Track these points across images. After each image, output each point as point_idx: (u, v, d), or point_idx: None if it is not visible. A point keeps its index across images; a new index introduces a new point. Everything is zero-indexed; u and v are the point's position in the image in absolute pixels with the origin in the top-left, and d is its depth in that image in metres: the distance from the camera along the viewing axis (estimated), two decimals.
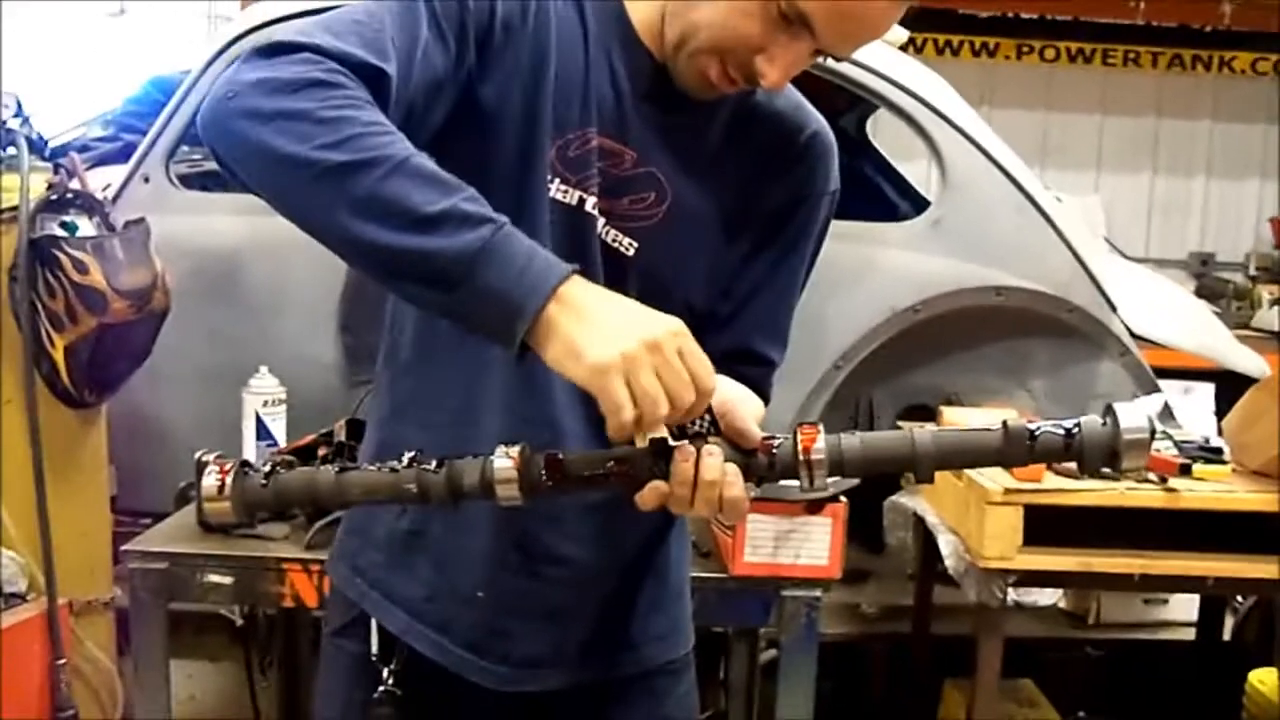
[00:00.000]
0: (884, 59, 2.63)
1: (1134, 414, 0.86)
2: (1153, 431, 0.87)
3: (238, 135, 0.87)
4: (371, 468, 0.95)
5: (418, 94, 0.95)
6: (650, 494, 0.91)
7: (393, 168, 0.85)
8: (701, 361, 0.87)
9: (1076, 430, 0.87)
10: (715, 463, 0.90)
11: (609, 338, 0.84)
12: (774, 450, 0.92)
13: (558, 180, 1.03)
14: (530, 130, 1.02)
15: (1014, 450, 0.88)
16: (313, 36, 0.89)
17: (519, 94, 1.02)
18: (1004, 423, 0.88)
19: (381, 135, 0.86)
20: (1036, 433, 0.88)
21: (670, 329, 0.86)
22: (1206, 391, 2.74)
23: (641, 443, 0.91)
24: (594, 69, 1.04)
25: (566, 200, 1.04)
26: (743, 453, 0.92)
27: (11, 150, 2.06)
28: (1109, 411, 0.87)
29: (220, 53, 2.56)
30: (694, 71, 1.02)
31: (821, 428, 0.91)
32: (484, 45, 1.00)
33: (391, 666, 1.13)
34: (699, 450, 0.90)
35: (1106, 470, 1.78)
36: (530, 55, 1.02)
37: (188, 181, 2.64)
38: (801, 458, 0.90)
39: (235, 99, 0.87)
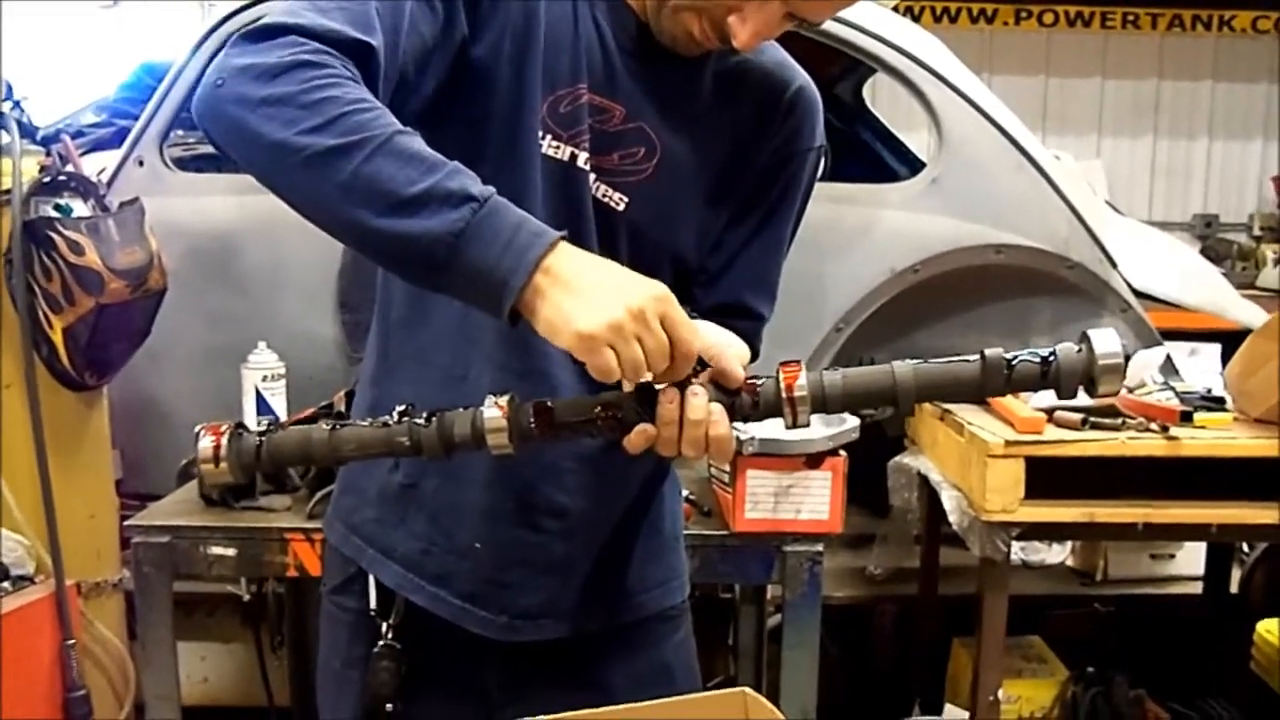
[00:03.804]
0: (877, 20, 2.61)
1: (1108, 340, 0.87)
2: (1127, 356, 0.88)
3: (228, 122, 0.88)
4: (364, 423, 0.95)
5: (408, 63, 0.96)
6: (638, 436, 0.91)
7: (375, 148, 0.85)
8: (685, 326, 0.88)
9: (1053, 358, 0.88)
10: (700, 403, 0.90)
11: (596, 307, 0.85)
12: (757, 389, 0.93)
13: (549, 136, 1.03)
14: (521, 86, 1.02)
15: (992, 379, 0.89)
16: (298, 16, 0.90)
17: (509, 51, 1.02)
18: (981, 353, 0.89)
19: (365, 113, 0.87)
20: (1014, 361, 0.89)
21: (655, 295, 0.87)
22: (1213, 352, 2.72)
23: (628, 388, 0.91)
24: (582, 26, 1.05)
25: (558, 156, 1.04)
26: (727, 393, 0.93)
27: (3, 135, 2.06)
28: (1084, 339, 0.88)
29: (211, 32, 2.56)
30: (676, 27, 1.03)
31: (803, 365, 0.92)
32: (474, 6, 1.00)
33: (390, 620, 1.14)
34: (683, 392, 0.90)
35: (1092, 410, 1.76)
36: (520, 11, 1.02)
37: (182, 164, 2.65)
38: (784, 395, 0.91)
39: (224, 86, 0.88)
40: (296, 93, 0.85)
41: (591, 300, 0.85)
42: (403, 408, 0.93)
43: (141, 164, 2.53)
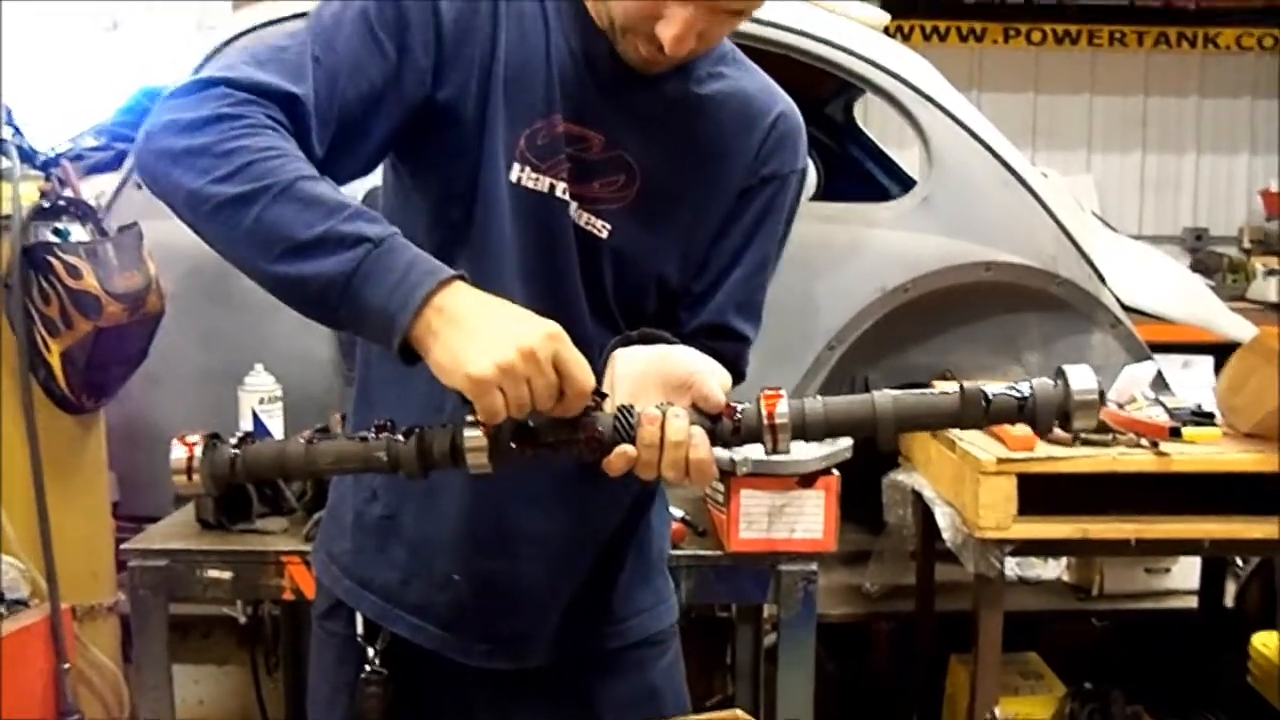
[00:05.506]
0: (865, 42, 2.64)
1: (1084, 377, 0.90)
2: (1102, 393, 0.90)
3: (155, 174, 0.92)
4: (342, 438, 0.94)
5: (353, 106, 0.98)
6: (618, 458, 0.91)
7: (277, 194, 0.88)
8: (577, 365, 0.89)
9: (1030, 393, 0.90)
10: (680, 425, 0.91)
11: (486, 348, 0.86)
12: (738, 415, 0.93)
13: (528, 168, 1.04)
14: (485, 121, 1.03)
15: (970, 412, 0.91)
16: (232, 70, 0.94)
17: (474, 88, 1.03)
18: (961, 386, 0.91)
19: (273, 159, 0.89)
20: (991, 396, 0.91)
21: (547, 333, 0.88)
22: (1205, 365, 2.75)
23: (610, 409, 0.92)
24: (555, 57, 1.05)
25: (537, 188, 1.05)
26: (708, 418, 0.93)
27: (2, 160, 2.08)
28: (1060, 374, 0.90)
29: (209, 59, 2.57)
30: (629, 52, 1.04)
31: (784, 392, 0.92)
32: (438, 49, 1.01)
33: (376, 646, 1.14)
34: (664, 415, 0.91)
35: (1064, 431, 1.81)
36: (482, 48, 1.03)
37: None
38: (765, 422, 0.91)
39: (152, 140, 0.92)
40: (213, 143, 0.89)
41: (481, 341, 0.86)
42: (380, 423, 0.93)
43: (140, 187, 2.53)
